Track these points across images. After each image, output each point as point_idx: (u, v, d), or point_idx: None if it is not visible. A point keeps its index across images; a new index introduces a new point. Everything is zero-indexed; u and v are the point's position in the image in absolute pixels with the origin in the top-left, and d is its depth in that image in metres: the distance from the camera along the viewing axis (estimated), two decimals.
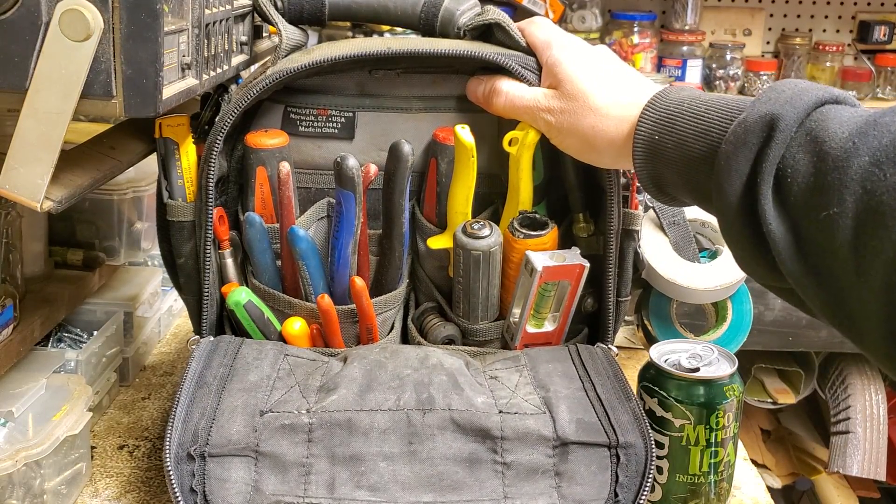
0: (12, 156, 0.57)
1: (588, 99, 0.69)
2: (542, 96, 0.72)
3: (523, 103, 0.73)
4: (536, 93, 0.73)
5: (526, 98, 0.73)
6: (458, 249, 0.75)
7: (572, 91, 0.70)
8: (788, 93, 0.56)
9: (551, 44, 0.74)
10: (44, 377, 0.77)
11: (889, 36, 2.26)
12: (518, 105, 0.73)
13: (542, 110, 0.72)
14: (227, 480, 0.63)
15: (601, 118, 0.68)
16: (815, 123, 0.53)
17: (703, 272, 0.85)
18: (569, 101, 0.70)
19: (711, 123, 0.60)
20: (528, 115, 0.73)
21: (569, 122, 0.70)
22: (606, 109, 0.68)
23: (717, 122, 0.60)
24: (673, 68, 2.15)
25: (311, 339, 0.78)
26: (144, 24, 0.57)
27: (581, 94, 0.69)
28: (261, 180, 0.77)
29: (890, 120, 0.50)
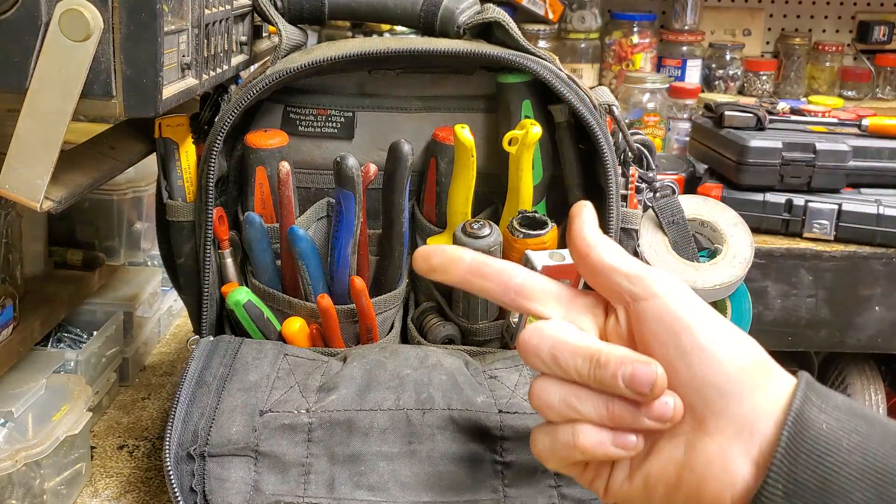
0: (12, 156, 0.57)
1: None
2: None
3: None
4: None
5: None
6: None
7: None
8: None
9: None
10: (44, 377, 0.77)
11: (889, 36, 2.26)
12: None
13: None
14: (226, 480, 0.63)
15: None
16: None
17: (702, 272, 0.85)
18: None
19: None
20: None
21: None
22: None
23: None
24: (672, 68, 2.15)
25: (311, 338, 0.78)
26: (144, 24, 0.57)
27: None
28: (260, 180, 0.77)
29: None
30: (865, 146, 1.43)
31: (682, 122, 1.84)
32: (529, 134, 0.73)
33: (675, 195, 0.86)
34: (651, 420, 0.47)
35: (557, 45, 2.15)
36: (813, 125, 1.51)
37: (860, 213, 1.38)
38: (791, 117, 1.52)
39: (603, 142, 0.75)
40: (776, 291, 1.37)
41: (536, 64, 0.75)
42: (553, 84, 0.74)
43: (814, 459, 0.44)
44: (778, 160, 1.40)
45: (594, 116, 0.75)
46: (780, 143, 1.41)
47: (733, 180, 1.43)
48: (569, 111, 0.77)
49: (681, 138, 1.83)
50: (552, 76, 0.74)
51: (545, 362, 0.49)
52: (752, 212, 1.39)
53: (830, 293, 1.37)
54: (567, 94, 0.74)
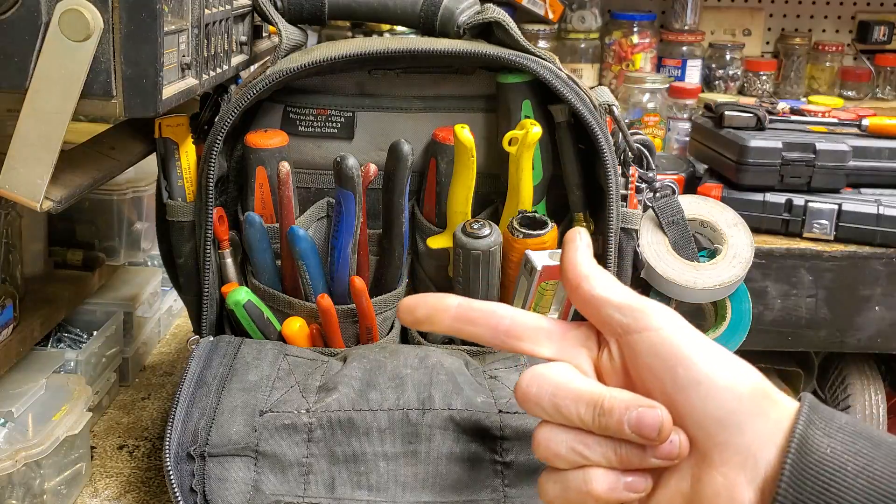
0: (12, 156, 0.57)
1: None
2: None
3: None
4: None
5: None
6: (457, 249, 0.75)
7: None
8: None
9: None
10: (44, 377, 0.77)
11: (889, 36, 2.26)
12: None
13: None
14: (226, 480, 0.63)
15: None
16: None
17: (702, 272, 0.85)
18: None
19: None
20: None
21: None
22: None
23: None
24: (672, 68, 2.15)
25: (311, 338, 0.78)
26: (144, 24, 0.57)
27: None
28: (260, 180, 0.77)
29: None
30: (865, 146, 1.43)
31: (682, 122, 1.84)
32: (529, 134, 0.73)
33: (675, 195, 0.86)
34: (659, 459, 0.47)
35: (557, 45, 2.15)
36: (813, 125, 1.52)
37: (860, 213, 1.39)
38: (791, 117, 1.53)
39: (603, 142, 0.75)
40: (776, 291, 1.37)
41: (536, 64, 0.75)
42: (553, 84, 0.74)
43: (819, 485, 0.43)
44: (778, 160, 1.40)
45: (594, 116, 0.75)
46: (780, 143, 1.41)
47: (733, 180, 1.43)
48: (569, 111, 0.77)
49: (681, 138, 1.83)
50: (552, 76, 0.74)
51: (547, 411, 0.49)
52: (752, 212, 1.39)
53: (830, 293, 1.37)
54: (567, 94, 0.74)
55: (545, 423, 0.49)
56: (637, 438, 0.47)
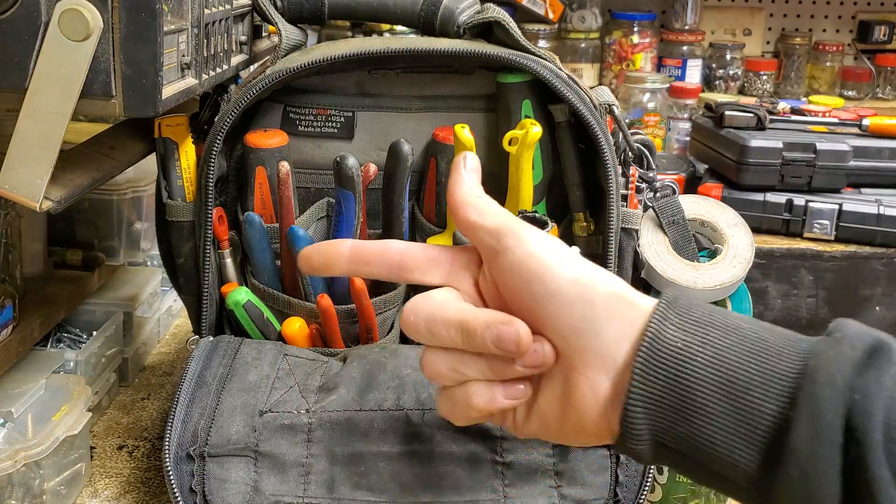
0: (11, 156, 0.57)
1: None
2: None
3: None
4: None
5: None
6: None
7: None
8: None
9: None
10: (43, 377, 0.77)
11: (889, 36, 2.26)
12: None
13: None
14: (226, 480, 0.63)
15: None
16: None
17: (702, 272, 0.85)
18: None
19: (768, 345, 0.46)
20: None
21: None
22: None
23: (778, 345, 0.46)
24: (673, 68, 2.15)
25: (311, 339, 0.78)
26: (144, 23, 0.57)
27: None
28: (260, 180, 0.77)
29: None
30: (866, 146, 1.43)
31: (682, 121, 1.84)
32: (529, 134, 0.73)
33: (676, 195, 0.86)
34: (528, 368, 0.50)
35: (557, 45, 2.15)
36: (813, 125, 1.51)
37: (861, 213, 1.38)
38: (791, 117, 1.52)
39: (603, 142, 0.74)
40: (776, 291, 1.37)
41: (536, 63, 0.75)
42: (553, 84, 0.74)
43: (670, 375, 0.45)
44: (778, 160, 1.40)
45: (594, 116, 0.75)
46: (780, 143, 1.41)
47: (734, 180, 1.43)
48: (569, 111, 0.77)
49: (681, 138, 1.83)
50: (552, 76, 0.74)
51: (425, 337, 0.52)
52: (753, 212, 1.39)
53: (831, 293, 1.37)
54: (567, 94, 0.74)
55: (428, 348, 0.52)
56: (501, 353, 0.49)
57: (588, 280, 0.49)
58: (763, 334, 0.46)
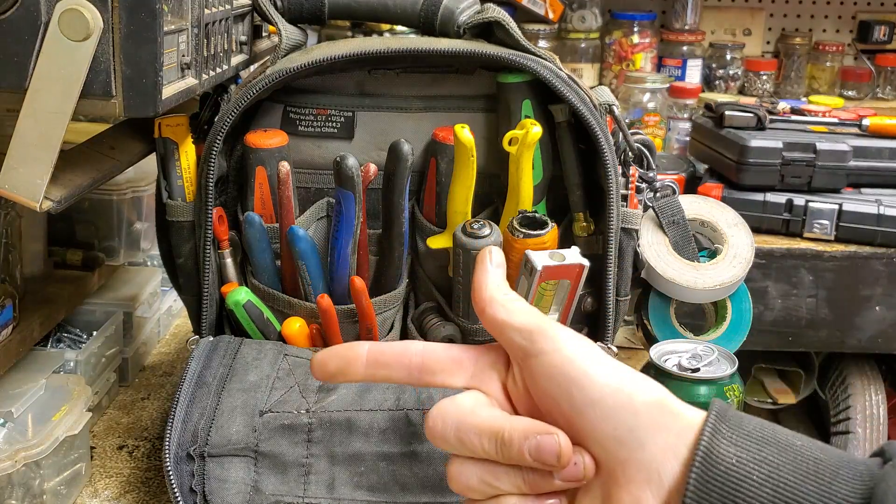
0: (12, 156, 0.57)
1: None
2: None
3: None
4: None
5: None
6: (457, 249, 0.75)
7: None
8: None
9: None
10: (43, 377, 0.77)
11: (889, 36, 2.25)
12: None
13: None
14: (226, 480, 0.63)
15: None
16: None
17: (702, 272, 0.85)
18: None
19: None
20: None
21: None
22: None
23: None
24: (673, 68, 2.15)
25: (311, 339, 0.78)
26: (144, 23, 0.57)
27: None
28: (260, 180, 0.77)
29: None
30: (866, 146, 1.43)
31: (682, 121, 1.84)
32: (529, 134, 0.73)
33: (676, 195, 0.86)
34: (566, 481, 0.47)
35: (557, 45, 2.15)
36: (813, 125, 1.51)
37: (861, 213, 1.38)
38: (791, 117, 1.52)
39: (603, 142, 0.75)
40: (776, 291, 1.37)
41: (536, 63, 0.75)
42: (553, 84, 0.74)
43: (725, 496, 0.43)
44: (778, 160, 1.40)
45: (594, 116, 0.75)
46: (780, 143, 1.41)
47: (733, 180, 1.43)
48: (569, 111, 0.77)
49: (681, 138, 1.83)
50: (552, 76, 0.74)
51: (454, 446, 0.49)
52: (753, 212, 1.39)
53: (831, 293, 1.37)
54: (567, 94, 0.74)
55: (455, 457, 0.50)
56: (539, 465, 0.47)
57: (631, 388, 0.47)
58: (817, 453, 0.44)
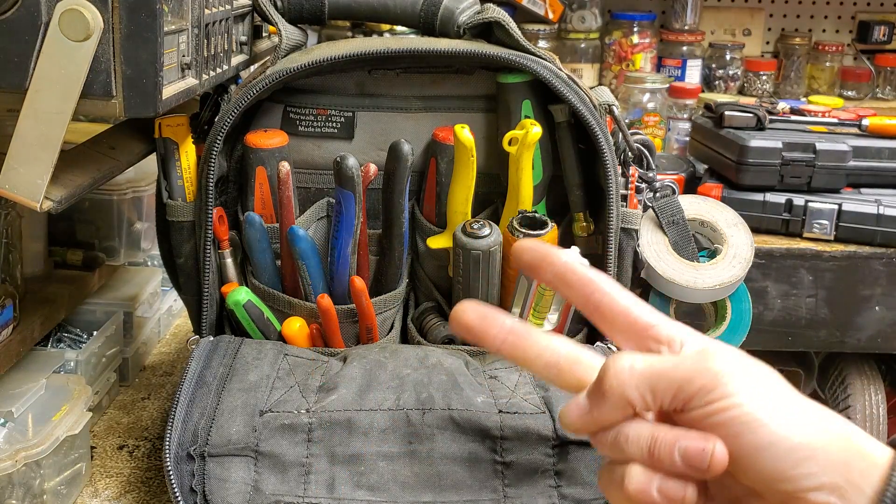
0: (12, 156, 0.57)
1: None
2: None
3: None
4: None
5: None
6: (457, 249, 0.75)
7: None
8: None
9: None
10: (43, 377, 0.77)
11: (889, 36, 2.26)
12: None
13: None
14: (226, 480, 0.63)
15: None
16: None
17: (702, 272, 0.85)
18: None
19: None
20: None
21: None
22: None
23: None
24: (673, 68, 2.15)
25: (311, 338, 0.78)
26: (144, 24, 0.57)
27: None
28: (260, 180, 0.77)
29: None
30: (865, 146, 1.43)
31: (682, 122, 1.84)
32: (529, 134, 0.73)
33: (675, 195, 0.86)
34: (686, 464, 0.45)
35: (557, 45, 2.15)
36: (813, 125, 1.51)
37: (860, 213, 1.38)
38: (791, 117, 1.52)
39: (603, 142, 0.75)
40: (776, 291, 1.37)
41: (536, 64, 0.75)
42: (553, 84, 0.74)
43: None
44: (778, 160, 1.40)
45: (594, 116, 0.75)
46: (780, 143, 1.41)
47: (733, 180, 1.43)
48: (569, 111, 0.77)
49: (681, 138, 1.83)
50: (552, 76, 0.74)
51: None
52: (752, 212, 1.39)
53: (830, 293, 1.37)
54: (567, 94, 0.74)
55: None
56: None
57: (820, 444, 0.44)
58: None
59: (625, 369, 0.46)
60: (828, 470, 0.44)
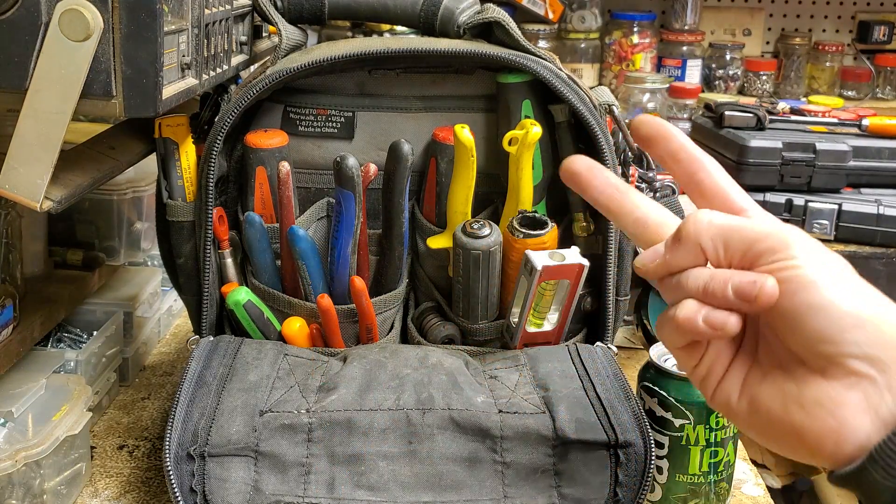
0: (12, 156, 0.57)
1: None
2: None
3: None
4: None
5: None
6: (457, 249, 0.75)
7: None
8: None
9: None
10: (44, 377, 0.77)
11: (889, 36, 2.26)
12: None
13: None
14: (226, 480, 0.63)
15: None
16: None
17: None
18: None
19: None
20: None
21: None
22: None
23: None
24: (672, 68, 2.15)
25: (311, 338, 0.78)
26: (144, 24, 0.57)
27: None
28: (260, 180, 0.77)
29: None
30: (865, 146, 1.43)
31: (682, 121, 1.84)
32: (529, 134, 0.73)
33: (676, 195, 0.86)
34: (736, 295, 0.47)
35: (557, 45, 2.15)
36: (813, 125, 1.52)
37: (860, 213, 1.39)
38: (791, 117, 1.53)
39: (603, 142, 0.75)
40: None
41: (536, 64, 0.75)
42: (553, 84, 0.74)
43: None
44: (778, 160, 1.40)
45: (594, 116, 0.75)
46: (780, 143, 1.41)
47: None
48: (569, 111, 0.77)
49: None
50: (552, 76, 0.74)
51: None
52: None
53: None
54: (567, 94, 0.74)
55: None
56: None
57: (871, 317, 0.46)
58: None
59: (703, 220, 0.49)
60: (873, 343, 0.45)
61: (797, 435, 0.47)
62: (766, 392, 0.49)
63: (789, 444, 0.48)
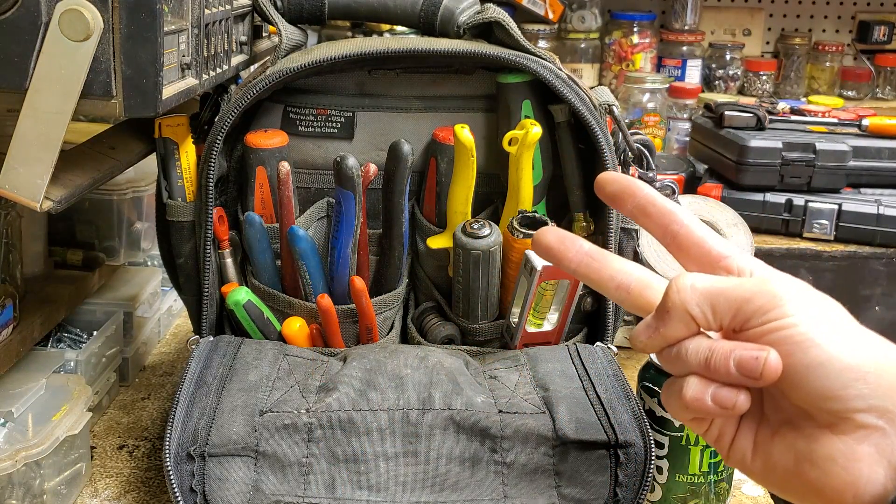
0: (12, 156, 0.57)
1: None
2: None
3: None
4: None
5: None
6: (457, 249, 0.75)
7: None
8: None
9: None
10: (43, 377, 0.77)
11: (889, 36, 2.26)
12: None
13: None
14: (226, 480, 0.63)
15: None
16: None
17: None
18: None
19: None
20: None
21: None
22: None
23: None
24: (672, 68, 2.15)
25: (311, 338, 0.78)
26: (144, 24, 0.57)
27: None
28: (260, 180, 0.77)
29: None
30: (865, 146, 1.43)
31: (682, 122, 1.85)
32: (529, 134, 0.73)
33: (676, 195, 0.86)
34: (741, 373, 0.46)
35: (557, 45, 2.15)
36: (813, 125, 1.52)
37: (860, 213, 1.39)
38: (791, 117, 1.53)
39: (603, 142, 0.75)
40: None
41: (536, 64, 0.75)
42: (553, 84, 0.74)
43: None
44: (778, 160, 1.40)
45: (594, 116, 0.75)
46: (780, 143, 1.41)
47: (733, 180, 1.43)
48: (569, 111, 0.77)
49: (681, 138, 1.83)
50: (552, 76, 0.74)
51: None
52: (752, 212, 1.39)
53: (830, 293, 1.36)
54: (567, 94, 0.74)
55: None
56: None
57: (872, 367, 0.46)
58: None
59: (687, 286, 0.48)
60: (878, 393, 0.45)
61: (815, 491, 0.47)
62: (778, 450, 0.49)
63: (810, 500, 0.48)
